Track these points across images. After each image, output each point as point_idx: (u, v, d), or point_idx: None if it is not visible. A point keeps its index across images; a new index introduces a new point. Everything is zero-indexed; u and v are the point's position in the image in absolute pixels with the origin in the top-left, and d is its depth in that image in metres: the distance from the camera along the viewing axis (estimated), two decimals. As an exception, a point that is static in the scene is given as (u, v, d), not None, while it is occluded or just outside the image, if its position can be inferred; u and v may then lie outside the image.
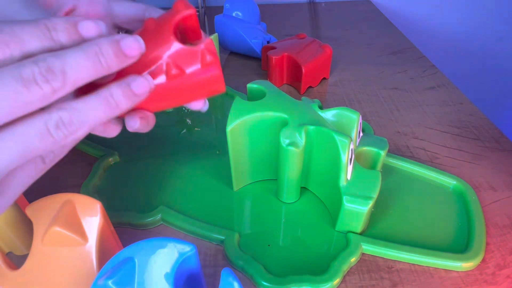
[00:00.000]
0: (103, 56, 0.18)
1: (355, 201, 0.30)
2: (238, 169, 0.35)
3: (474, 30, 0.95)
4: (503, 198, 0.36)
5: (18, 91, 0.16)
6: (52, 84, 0.17)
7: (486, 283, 0.29)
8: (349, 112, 0.33)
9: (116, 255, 0.21)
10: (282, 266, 0.30)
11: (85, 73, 0.18)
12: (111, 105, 0.19)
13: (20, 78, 0.16)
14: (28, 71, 0.16)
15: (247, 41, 0.58)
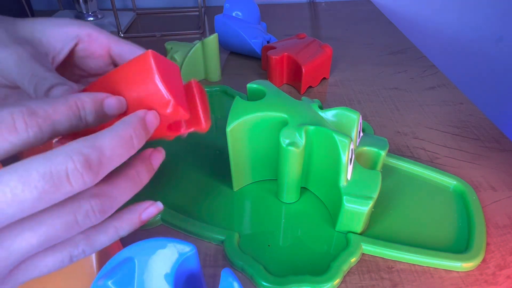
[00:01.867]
0: (137, 138, 0.18)
1: (355, 201, 0.30)
2: (238, 169, 0.35)
3: (474, 30, 0.95)
4: (503, 198, 0.36)
5: (45, 190, 0.15)
6: (85, 179, 0.15)
7: (487, 283, 0.29)
8: (349, 112, 0.33)
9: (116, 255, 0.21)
10: (282, 266, 0.30)
11: (119, 161, 0.17)
12: (137, 184, 0.19)
13: (50, 176, 0.15)
14: (61, 167, 0.15)
15: (247, 41, 0.58)
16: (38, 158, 0.15)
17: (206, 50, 0.52)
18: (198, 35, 0.72)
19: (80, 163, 0.15)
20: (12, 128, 0.15)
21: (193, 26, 0.76)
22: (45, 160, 0.15)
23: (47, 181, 0.14)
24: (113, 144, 0.17)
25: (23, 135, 0.15)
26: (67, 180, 0.15)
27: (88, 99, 0.18)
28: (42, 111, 0.16)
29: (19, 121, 0.15)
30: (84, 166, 0.15)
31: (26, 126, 0.15)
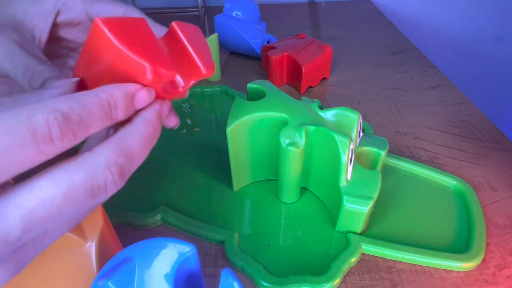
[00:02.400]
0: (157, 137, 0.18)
1: (355, 201, 0.30)
2: (238, 169, 0.35)
3: (474, 30, 0.95)
4: (504, 198, 0.36)
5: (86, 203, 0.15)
6: (118, 187, 0.16)
7: (487, 283, 0.29)
8: (349, 112, 0.33)
9: (116, 255, 0.21)
10: (282, 266, 0.30)
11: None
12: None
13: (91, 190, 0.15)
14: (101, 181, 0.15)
15: (247, 41, 0.58)
16: (79, 170, 0.14)
17: (206, 50, 0.52)
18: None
19: (117, 174, 0.15)
20: (48, 138, 0.13)
21: (193, 26, 0.76)
22: (86, 174, 0.14)
23: (89, 195, 0.15)
24: (141, 148, 0.17)
25: (58, 146, 0.14)
26: (105, 191, 0.15)
27: (120, 95, 0.16)
28: (76, 116, 0.14)
29: (55, 130, 0.14)
30: (120, 176, 0.16)
31: (62, 135, 0.14)
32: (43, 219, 0.14)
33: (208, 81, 0.56)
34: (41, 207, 0.13)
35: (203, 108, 0.51)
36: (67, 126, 0.14)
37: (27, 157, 0.13)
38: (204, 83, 0.55)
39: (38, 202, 0.13)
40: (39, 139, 0.13)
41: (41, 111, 0.13)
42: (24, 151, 0.13)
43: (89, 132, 0.15)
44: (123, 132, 0.17)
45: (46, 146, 0.13)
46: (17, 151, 0.13)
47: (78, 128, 0.14)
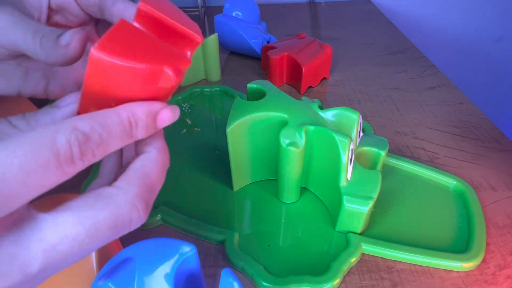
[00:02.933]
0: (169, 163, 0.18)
1: (355, 201, 0.30)
2: (238, 169, 0.35)
3: (474, 30, 0.95)
4: (504, 198, 0.36)
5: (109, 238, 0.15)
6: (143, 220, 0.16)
7: (487, 283, 0.29)
8: (349, 112, 0.33)
9: (116, 256, 0.21)
10: (282, 266, 0.30)
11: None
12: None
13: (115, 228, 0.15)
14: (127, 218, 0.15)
15: (247, 41, 0.58)
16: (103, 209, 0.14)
17: (206, 50, 0.52)
18: (198, 35, 0.72)
19: (143, 211, 0.15)
20: (70, 159, 0.13)
21: (193, 26, 0.76)
22: (111, 213, 0.14)
23: (112, 232, 0.15)
24: (160, 178, 0.17)
25: (78, 166, 0.14)
26: (129, 227, 0.15)
27: (142, 113, 0.16)
28: (97, 136, 0.14)
29: (75, 150, 0.13)
30: (145, 211, 0.16)
31: (82, 155, 0.14)
32: (64, 255, 0.14)
33: (208, 81, 0.56)
34: (63, 243, 0.13)
35: (203, 108, 0.51)
36: (87, 146, 0.14)
37: (50, 178, 0.13)
38: (204, 83, 0.55)
39: (61, 238, 0.13)
40: (62, 160, 0.13)
41: (63, 132, 0.13)
42: (48, 173, 0.13)
43: (109, 150, 0.15)
44: (142, 163, 0.17)
45: (68, 167, 0.13)
46: (42, 172, 0.13)
47: (98, 148, 0.14)
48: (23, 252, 0.13)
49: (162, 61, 0.16)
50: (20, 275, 0.13)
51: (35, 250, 0.13)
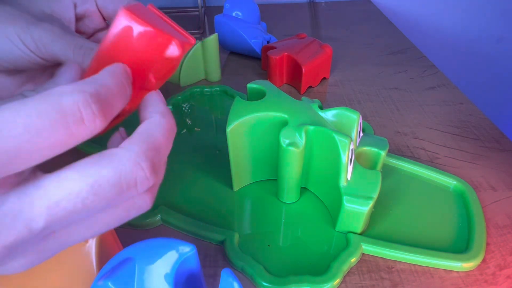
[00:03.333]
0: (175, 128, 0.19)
1: (355, 201, 0.30)
2: (238, 169, 0.35)
3: (474, 30, 0.95)
4: (504, 198, 0.36)
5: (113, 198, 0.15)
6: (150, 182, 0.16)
7: (487, 283, 0.29)
8: (349, 112, 0.33)
9: (116, 256, 0.21)
10: (282, 266, 0.30)
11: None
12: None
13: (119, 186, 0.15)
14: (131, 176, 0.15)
15: (247, 41, 0.58)
16: (107, 165, 0.14)
17: (206, 50, 0.52)
18: (198, 35, 0.72)
19: (149, 169, 0.15)
20: (79, 120, 0.13)
21: (193, 26, 0.76)
22: (114, 169, 0.14)
23: (116, 192, 0.14)
24: (166, 140, 0.17)
25: (90, 128, 0.14)
26: (135, 187, 0.15)
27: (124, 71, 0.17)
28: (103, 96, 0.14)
29: (86, 111, 0.13)
30: (152, 171, 0.15)
31: (94, 116, 0.14)
32: (67, 212, 0.14)
33: (208, 81, 0.56)
34: (67, 200, 0.13)
35: (203, 108, 0.51)
36: (97, 106, 0.14)
37: (58, 140, 0.13)
38: (204, 83, 0.55)
39: (64, 194, 0.13)
40: (69, 121, 0.13)
41: (69, 93, 0.13)
42: (55, 134, 0.13)
43: (115, 112, 0.15)
44: (145, 126, 0.17)
45: (78, 128, 0.13)
46: (48, 134, 0.13)
47: (107, 108, 0.14)
48: (28, 208, 0.13)
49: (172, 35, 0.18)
50: (25, 230, 0.13)
51: (40, 206, 0.13)
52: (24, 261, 0.14)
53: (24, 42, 0.21)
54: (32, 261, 0.14)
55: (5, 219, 0.13)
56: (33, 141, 0.12)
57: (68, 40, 0.22)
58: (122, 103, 0.16)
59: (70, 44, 0.22)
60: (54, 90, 0.13)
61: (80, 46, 0.22)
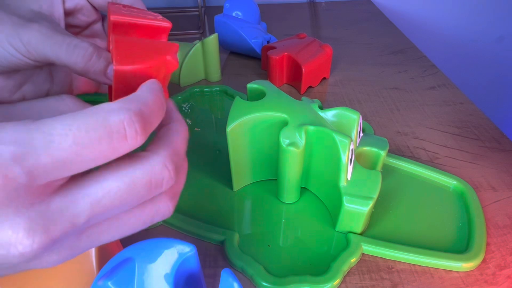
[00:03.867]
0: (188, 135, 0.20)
1: (355, 202, 0.30)
2: (238, 169, 0.35)
3: (474, 30, 0.95)
4: (504, 198, 0.36)
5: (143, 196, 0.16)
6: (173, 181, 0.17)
7: (487, 283, 0.29)
8: (349, 112, 0.33)
9: (116, 256, 0.21)
10: (282, 266, 0.30)
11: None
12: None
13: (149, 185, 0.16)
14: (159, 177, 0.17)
15: (247, 41, 0.58)
16: (140, 167, 0.16)
17: (206, 50, 0.52)
18: (198, 35, 0.72)
19: (173, 171, 0.17)
20: (123, 137, 0.15)
21: (193, 26, 0.76)
22: (146, 171, 0.16)
23: (147, 189, 0.16)
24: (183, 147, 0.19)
25: (131, 144, 0.15)
26: (161, 185, 0.17)
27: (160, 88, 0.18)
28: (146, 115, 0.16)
29: (130, 129, 0.15)
30: (175, 172, 0.17)
31: (136, 134, 0.15)
32: (107, 207, 0.15)
33: (208, 81, 0.56)
34: (107, 197, 0.15)
35: (203, 108, 0.51)
36: (140, 124, 0.15)
37: (102, 154, 0.14)
38: (204, 83, 0.55)
39: (104, 193, 0.15)
40: (114, 138, 0.14)
41: (116, 111, 0.15)
42: (100, 148, 0.14)
43: (154, 127, 0.17)
44: (166, 133, 0.18)
45: (120, 144, 0.15)
46: (95, 148, 0.14)
47: (148, 125, 0.16)
48: (73, 206, 0.14)
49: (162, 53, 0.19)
50: (69, 225, 0.14)
51: (83, 203, 0.15)
52: (56, 257, 0.15)
53: (14, 47, 0.21)
54: (64, 257, 0.16)
55: (53, 216, 0.14)
56: (80, 153, 0.14)
57: (58, 40, 0.22)
58: (160, 119, 0.17)
59: (60, 44, 0.21)
60: (102, 106, 0.15)
61: (71, 46, 0.22)
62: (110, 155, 0.15)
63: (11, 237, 0.13)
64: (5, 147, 0.12)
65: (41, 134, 0.13)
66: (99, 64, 0.22)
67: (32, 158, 0.13)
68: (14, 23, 0.22)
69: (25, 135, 0.13)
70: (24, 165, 0.13)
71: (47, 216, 0.14)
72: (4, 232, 0.13)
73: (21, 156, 0.13)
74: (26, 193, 0.13)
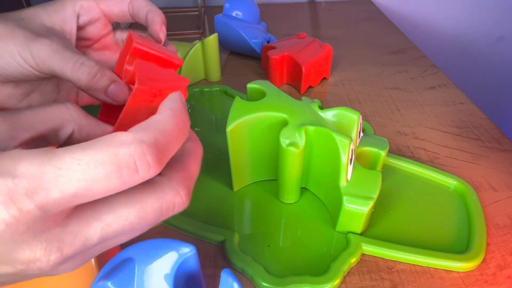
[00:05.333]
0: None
1: (355, 202, 0.30)
2: (238, 169, 0.35)
3: (474, 30, 0.95)
4: (504, 198, 0.36)
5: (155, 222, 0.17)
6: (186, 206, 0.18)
7: (487, 283, 0.29)
8: (349, 112, 0.33)
9: (116, 256, 0.21)
10: (282, 266, 0.30)
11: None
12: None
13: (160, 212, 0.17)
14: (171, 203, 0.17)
15: (247, 41, 0.58)
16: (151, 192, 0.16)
17: (206, 50, 0.52)
18: (198, 35, 0.72)
19: (185, 196, 0.17)
20: (134, 170, 0.15)
21: (193, 26, 0.76)
22: (157, 197, 0.16)
23: (157, 216, 0.16)
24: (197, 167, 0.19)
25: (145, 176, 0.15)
26: (172, 211, 0.17)
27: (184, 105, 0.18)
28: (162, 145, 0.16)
29: (142, 162, 0.15)
30: (188, 198, 0.17)
31: (149, 166, 0.15)
32: (116, 232, 0.16)
33: (208, 81, 0.56)
34: (117, 222, 0.16)
35: (203, 108, 0.51)
36: (153, 156, 0.15)
37: (111, 187, 0.15)
38: (204, 83, 0.55)
39: (114, 218, 0.16)
40: (124, 173, 0.14)
41: (127, 145, 0.15)
42: (109, 183, 0.14)
43: (173, 153, 0.17)
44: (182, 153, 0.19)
45: (131, 177, 0.15)
46: (104, 182, 0.14)
47: (164, 155, 0.16)
48: (85, 229, 0.15)
49: (177, 82, 0.21)
50: (81, 247, 0.15)
51: (95, 227, 0.15)
52: (71, 264, 0.16)
53: (24, 59, 0.22)
54: (78, 264, 0.17)
55: (66, 238, 0.15)
56: (89, 188, 0.14)
57: (66, 57, 0.22)
58: (182, 142, 0.17)
59: (68, 61, 0.22)
60: (114, 139, 0.15)
61: (78, 63, 0.23)
62: (121, 188, 0.15)
63: (30, 256, 0.14)
64: (19, 182, 0.13)
65: (51, 167, 0.14)
66: (101, 83, 0.22)
67: (43, 192, 0.13)
68: (26, 37, 0.23)
69: (37, 169, 0.13)
70: (36, 200, 0.13)
71: (62, 238, 0.15)
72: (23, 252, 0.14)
73: (33, 191, 0.13)
74: (43, 221, 0.14)
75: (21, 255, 0.14)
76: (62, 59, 0.22)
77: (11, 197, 0.13)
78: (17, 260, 0.14)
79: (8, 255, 0.14)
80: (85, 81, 0.22)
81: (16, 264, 0.14)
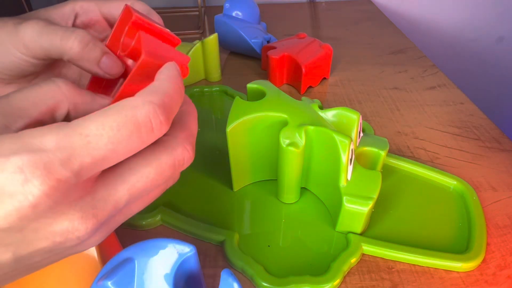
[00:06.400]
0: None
1: (355, 202, 0.30)
2: (238, 169, 0.35)
3: (474, 30, 0.95)
4: (504, 198, 0.36)
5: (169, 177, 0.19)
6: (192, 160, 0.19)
7: (487, 283, 0.29)
8: (349, 112, 0.33)
9: (116, 256, 0.21)
10: (282, 266, 0.30)
11: None
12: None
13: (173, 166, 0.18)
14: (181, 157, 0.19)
15: (247, 41, 0.58)
16: (165, 152, 0.18)
17: (206, 50, 0.52)
18: (198, 35, 0.72)
19: (192, 150, 0.19)
20: (150, 129, 0.16)
21: (193, 26, 0.76)
22: (168, 154, 0.18)
23: (172, 170, 0.18)
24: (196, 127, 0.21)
25: (156, 135, 0.17)
26: (183, 165, 0.19)
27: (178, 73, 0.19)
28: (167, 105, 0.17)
29: (155, 121, 0.16)
30: (193, 151, 0.19)
31: (161, 125, 0.16)
32: (142, 190, 0.17)
33: (208, 81, 0.56)
34: (141, 181, 0.17)
35: (203, 108, 0.51)
36: (164, 115, 0.16)
37: (134, 146, 0.16)
38: (204, 83, 0.55)
39: (138, 178, 0.17)
40: (142, 132, 0.16)
41: (141, 106, 0.16)
42: (132, 142, 0.16)
43: (175, 113, 0.18)
44: (181, 115, 0.20)
45: (148, 136, 0.16)
46: (127, 143, 0.15)
47: (170, 113, 0.17)
48: (113, 192, 0.16)
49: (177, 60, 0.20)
50: (113, 209, 0.17)
51: (122, 189, 0.17)
52: (98, 237, 0.17)
53: (14, 45, 0.22)
54: (103, 236, 0.18)
55: (99, 203, 0.16)
56: (115, 150, 0.15)
57: (55, 29, 0.22)
58: (180, 104, 0.18)
59: (57, 31, 0.22)
60: (127, 103, 0.16)
61: (68, 31, 0.22)
62: (140, 147, 0.16)
63: (68, 227, 0.15)
64: (52, 154, 0.14)
65: (78, 136, 0.14)
66: (94, 52, 0.22)
67: (76, 160, 0.14)
68: (14, 24, 0.22)
69: (65, 140, 0.14)
70: (72, 168, 0.14)
71: (94, 204, 0.16)
72: (62, 223, 0.15)
73: (67, 160, 0.14)
74: (76, 189, 0.15)
75: (59, 227, 0.15)
76: (51, 31, 0.22)
77: (48, 170, 0.14)
78: (56, 233, 0.15)
79: (47, 228, 0.15)
80: (77, 49, 0.22)
81: (56, 236, 0.15)
